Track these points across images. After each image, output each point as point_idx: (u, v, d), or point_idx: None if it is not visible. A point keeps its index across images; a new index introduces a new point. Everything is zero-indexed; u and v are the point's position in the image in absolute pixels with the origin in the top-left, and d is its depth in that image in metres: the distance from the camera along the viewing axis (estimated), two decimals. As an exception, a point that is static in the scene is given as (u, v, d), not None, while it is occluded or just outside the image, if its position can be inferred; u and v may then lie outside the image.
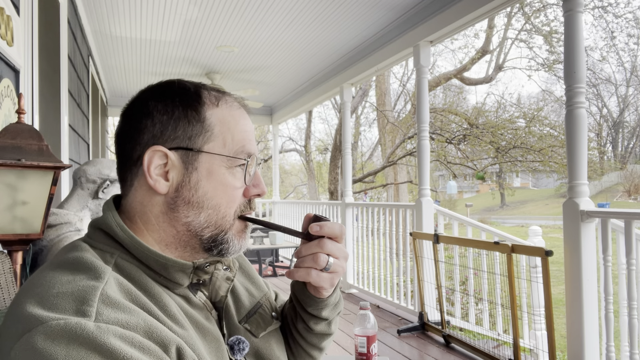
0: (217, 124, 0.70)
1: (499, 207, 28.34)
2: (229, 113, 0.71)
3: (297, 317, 0.84)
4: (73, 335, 0.49)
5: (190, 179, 0.68)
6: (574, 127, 2.58)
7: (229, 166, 0.69)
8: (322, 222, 0.72)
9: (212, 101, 0.71)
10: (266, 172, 18.08)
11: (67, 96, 2.97)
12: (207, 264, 0.69)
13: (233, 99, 0.74)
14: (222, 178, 0.68)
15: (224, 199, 0.68)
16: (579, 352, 2.51)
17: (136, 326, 0.53)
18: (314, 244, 0.72)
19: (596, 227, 2.61)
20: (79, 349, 0.48)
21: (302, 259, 0.72)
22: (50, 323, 0.50)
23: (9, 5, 1.74)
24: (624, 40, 25.63)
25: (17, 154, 1.35)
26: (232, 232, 0.69)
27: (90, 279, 0.57)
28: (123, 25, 4.36)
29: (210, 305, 0.71)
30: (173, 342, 0.55)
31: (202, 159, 0.68)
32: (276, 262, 6.72)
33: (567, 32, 2.61)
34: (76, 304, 0.53)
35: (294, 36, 4.61)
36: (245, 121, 0.73)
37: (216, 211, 0.68)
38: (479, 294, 4.19)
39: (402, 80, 14.38)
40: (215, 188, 0.68)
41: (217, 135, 0.69)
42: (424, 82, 3.95)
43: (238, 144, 0.70)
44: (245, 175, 0.70)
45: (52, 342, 0.49)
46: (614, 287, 2.61)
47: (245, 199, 0.71)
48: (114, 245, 0.65)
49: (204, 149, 0.68)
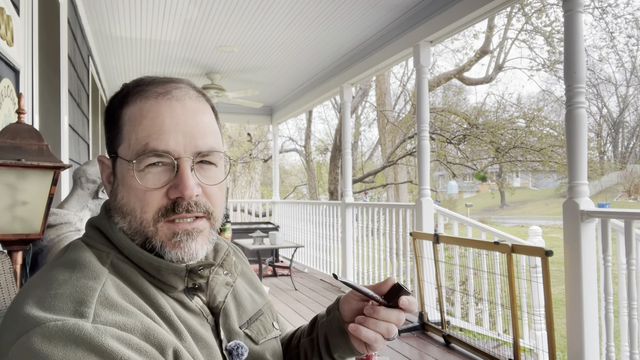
0: (126, 123, 0.66)
1: (499, 207, 28.33)
2: (137, 108, 0.65)
3: (314, 355, 0.82)
4: (71, 336, 0.49)
5: (114, 185, 0.68)
6: (574, 127, 2.58)
7: (137, 168, 0.63)
8: (410, 297, 0.72)
9: (127, 99, 0.67)
10: (266, 172, 18.09)
11: (67, 96, 2.97)
12: (200, 267, 0.67)
13: (156, 87, 0.67)
14: (131, 181, 0.64)
15: (137, 204, 0.64)
16: (579, 352, 2.51)
17: (133, 328, 0.53)
18: (395, 315, 0.71)
19: (596, 227, 2.61)
20: (76, 350, 0.48)
21: (376, 323, 0.70)
22: (48, 324, 0.50)
23: (9, 6, 1.74)
24: (623, 40, 25.64)
25: (17, 154, 1.35)
26: (158, 238, 0.64)
27: (88, 279, 0.57)
28: (123, 25, 4.36)
29: (207, 311, 0.69)
30: (170, 345, 0.55)
31: (118, 164, 0.67)
32: (276, 262, 6.72)
33: (567, 32, 2.61)
34: (74, 305, 0.53)
35: (294, 36, 4.61)
36: (158, 112, 0.64)
37: (134, 217, 0.64)
38: (479, 294, 4.19)
39: (402, 80, 14.37)
40: (129, 192, 0.64)
41: (124, 137, 0.66)
42: (424, 82, 3.95)
43: (141, 142, 0.63)
44: (145, 177, 0.63)
45: (49, 342, 0.49)
46: (614, 287, 2.61)
47: (169, 201, 0.64)
48: (109, 245, 0.66)
49: (118, 152, 0.67)
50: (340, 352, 0.78)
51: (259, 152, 17.23)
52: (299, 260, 6.92)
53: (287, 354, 0.86)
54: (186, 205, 0.64)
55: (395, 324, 0.71)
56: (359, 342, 0.74)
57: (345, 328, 0.76)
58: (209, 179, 0.67)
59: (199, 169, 0.66)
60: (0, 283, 1.24)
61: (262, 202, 10.15)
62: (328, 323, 0.79)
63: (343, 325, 0.77)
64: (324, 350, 0.79)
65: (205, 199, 0.67)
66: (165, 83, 0.68)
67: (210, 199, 0.67)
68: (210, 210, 0.67)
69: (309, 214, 6.67)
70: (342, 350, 0.77)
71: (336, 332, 0.77)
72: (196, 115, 0.66)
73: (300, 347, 0.85)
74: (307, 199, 16.97)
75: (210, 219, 0.68)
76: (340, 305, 0.79)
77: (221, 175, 0.69)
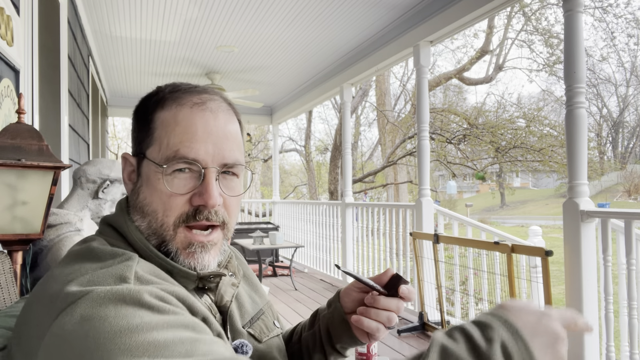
0: (158, 127, 0.68)
1: (499, 207, 28.33)
2: (172, 114, 0.67)
3: (316, 347, 0.84)
4: (120, 296, 0.51)
5: (137, 184, 0.69)
6: (574, 127, 2.58)
7: (166, 172, 0.65)
8: (408, 285, 0.74)
9: (163, 103, 0.68)
10: (266, 172, 18.10)
11: (67, 96, 2.97)
12: (211, 276, 0.69)
13: (192, 97, 0.69)
14: (157, 184, 0.66)
15: (160, 206, 0.66)
16: (579, 352, 2.51)
17: (172, 291, 0.57)
18: (394, 303, 0.74)
19: (596, 227, 2.61)
20: (127, 307, 0.50)
21: (377, 312, 0.73)
22: (95, 290, 0.51)
23: (9, 5, 1.74)
24: (624, 40, 25.64)
25: (17, 154, 1.35)
26: (175, 243, 0.66)
27: (121, 261, 0.59)
28: (123, 25, 4.36)
29: (215, 309, 0.71)
30: (200, 313, 0.60)
31: (145, 164, 0.68)
32: (276, 262, 6.72)
33: (567, 33, 2.61)
34: (114, 279, 0.55)
35: (294, 36, 4.61)
36: (192, 121, 0.66)
37: (155, 218, 0.66)
38: (479, 294, 4.19)
39: (402, 80, 14.38)
40: (152, 194, 0.66)
41: (155, 140, 0.67)
42: (424, 82, 3.95)
43: (172, 148, 0.65)
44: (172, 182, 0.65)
45: (99, 306, 0.49)
46: (614, 287, 2.61)
47: (192, 207, 0.66)
48: (125, 243, 0.67)
49: (146, 153, 0.68)
50: (342, 343, 0.81)
51: (259, 152, 17.24)
52: (299, 260, 6.92)
53: (288, 350, 0.88)
54: (207, 213, 0.66)
55: (395, 312, 0.74)
56: (361, 332, 0.77)
57: (347, 319, 0.79)
58: (230, 190, 0.70)
59: (222, 179, 0.69)
60: (0, 283, 1.24)
61: (262, 202, 10.15)
62: (330, 315, 0.82)
63: (345, 316, 0.79)
64: (327, 341, 0.82)
65: (223, 209, 0.69)
66: (201, 93, 0.70)
67: (228, 209, 0.70)
68: (226, 221, 0.69)
69: (309, 214, 6.67)
70: (344, 341, 0.80)
71: (338, 323, 0.80)
72: (226, 127, 0.69)
73: (302, 341, 0.87)
74: (307, 199, 16.97)
75: (224, 229, 0.70)
76: (341, 297, 0.81)
77: (241, 187, 0.72)
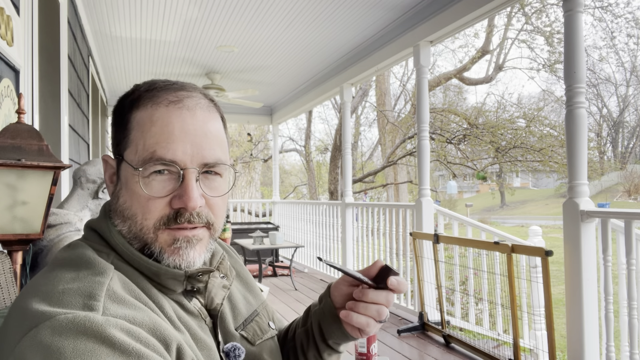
0: (134, 127, 0.65)
1: (499, 207, 28.33)
2: (147, 114, 0.65)
3: (310, 344, 0.82)
4: (81, 328, 0.49)
5: (117, 186, 0.68)
6: (574, 127, 2.58)
7: (142, 175, 0.63)
8: (398, 277, 0.71)
9: (139, 102, 0.66)
10: (266, 172, 18.09)
11: (67, 96, 2.97)
12: (199, 273, 0.67)
13: (168, 95, 0.66)
14: (134, 187, 0.63)
15: (139, 210, 0.63)
16: (579, 352, 2.51)
17: (142, 322, 0.54)
18: (383, 296, 0.71)
19: (596, 227, 2.61)
20: (86, 342, 0.48)
21: (366, 307, 0.70)
22: (58, 317, 0.50)
23: (9, 5, 1.74)
24: (623, 40, 25.65)
25: (17, 154, 1.35)
26: (158, 244, 0.64)
27: (95, 275, 0.57)
28: (123, 25, 4.36)
29: (205, 312, 0.70)
30: (175, 341, 0.56)
31: (123, 167, 0.66)
32: (276, 262, 6.72)
33: (567, 32, 2.61)
34: (83, 299, 0.53)
35: (294, 36, 4.61)
36: (168, 121, 0.64)
37: (134, 222, 0.64)
38: (479, 294, 4.19)
39: (402, 80, 14.37)
40: (131, 197, 0.64)
41: (132, 141, 0.65)
42: (424, 82, 3.95)
43: (148, 150, 0.63)
44: (150, 184, 0.63)
45: (59, 335, 0.48)
46: (614, 287, 2.61)
47: (172, 210, 0.64)
48: (108, 247, 0.66)
49: (123, 155, 0.66)
50: (334, 339, 0.78)
51: (259, 152, 17.24)
52: (299, 260, 6.92)
53: (284, 347, 0.87)
54: (188, 216, 0.64)
55: (385, 305, 0.71)
56: (352, 327, 0.74)
57: (337, 314, 0.76)
58: (212, 190, 0.67)
59: (204, 179, 0.66)
60: (0, 283, 1.24)
61: (262, 202, 10.15)
62: (321, 311, 0.79)
63: (335, 311, 0.77)
64: (319, 338, 0.80)
65: (207, 210, 0.66)
66: (178, 90, 0.67)
67: (212, 209, 0.67)
68: (211, 221, 0.67)
69: (309, 214, 6.67)
70: (336, 337, 0.78)
71: (329, 319, 0.77)
72: (205, 125, 0.66)
73: (296, 338, 0.85)
74: (307, 199, 16.97)
75: (211, 229, 0.68)
76: (331, 291, 0.79)
77: (225, 187, 0.69)
